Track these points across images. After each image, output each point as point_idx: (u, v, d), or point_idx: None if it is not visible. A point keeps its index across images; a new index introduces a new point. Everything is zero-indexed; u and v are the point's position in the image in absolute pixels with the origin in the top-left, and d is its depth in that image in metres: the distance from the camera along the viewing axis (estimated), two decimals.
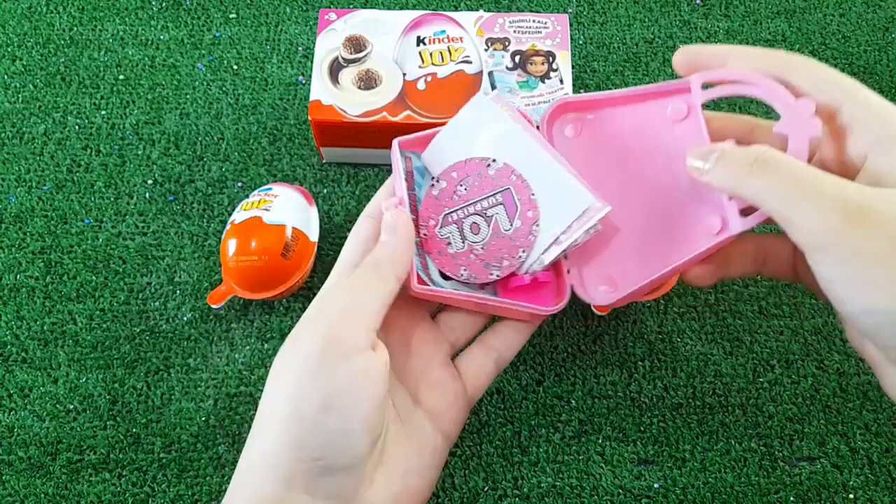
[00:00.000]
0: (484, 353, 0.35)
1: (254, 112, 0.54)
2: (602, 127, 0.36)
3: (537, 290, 0.35)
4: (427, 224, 0.35)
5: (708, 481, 0.43)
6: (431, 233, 0.35)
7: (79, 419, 0.45)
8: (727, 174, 0.28)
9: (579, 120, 0.37)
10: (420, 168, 0.36)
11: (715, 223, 0.32)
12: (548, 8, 0.58)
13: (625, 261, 0.35)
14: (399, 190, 0.34)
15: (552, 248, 0.33)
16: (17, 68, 0.55)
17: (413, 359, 0.31)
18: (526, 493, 0.43)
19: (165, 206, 0.50)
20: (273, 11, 0.57)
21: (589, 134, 0.36)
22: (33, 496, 0.43)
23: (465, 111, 0.35)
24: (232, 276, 0.45)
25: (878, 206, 0.25)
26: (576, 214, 0.33)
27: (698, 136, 0.33)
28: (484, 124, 0.35)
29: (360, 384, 0.28)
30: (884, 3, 0.58)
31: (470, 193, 0.35)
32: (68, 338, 0.47)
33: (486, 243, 0.34)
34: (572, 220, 0.33)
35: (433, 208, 0.35)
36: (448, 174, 0.35)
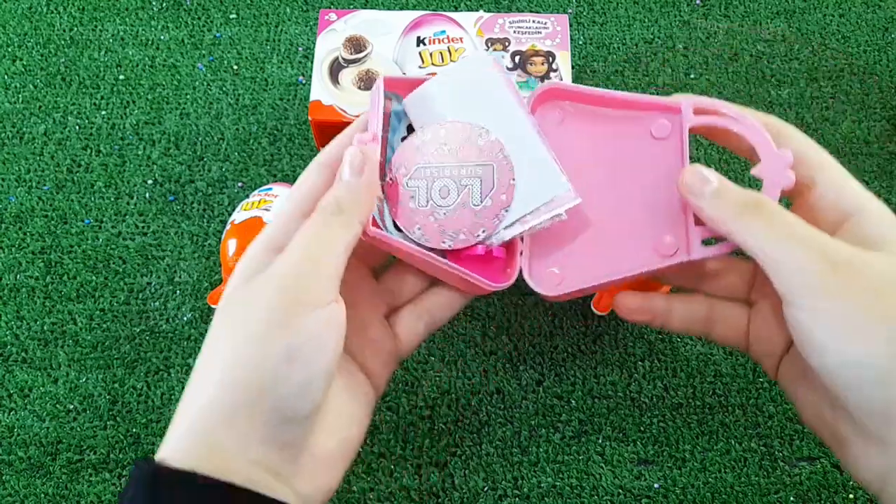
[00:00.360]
0: (417, 315, 0.35)
1: (254, 112, 0.54)
2: (584, 122, 0.36)
3: (486, 263, 0.34)
4: (397, 171, 0.33)
5: (708, 481, 0.43)
6: (399, 180, 0.33)
7: (79, 419, 0.45)
8: (723, 207, 0.29)
9: (564, 109, 0.36)
10: (399, 112, 0.34)
11: (671, 245, 0.32)
12: (548, 8, 0.58)
13: (577, 258, 0.34)
14: (374, 127, 0.31)
15: (515, 225, 0.33)
16: (18, 68, 0.55)
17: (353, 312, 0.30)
18: (526, 493, 0.43)
19: (165, 206, 0.50)
20: (273, 12, 0.57)
21: (570, 125, 0.36)
22: (33, 496, 0.43)
23: (461, 65, 0.34)
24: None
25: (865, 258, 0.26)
26: (547, 198, 0.32)
27: (676, 158, 0.33)
28: (477, 85, 0.33)
29: (326, 335, 0.27)
30: (883, 4, 0.58)
31: (451, 156, 0.33)
32: (68, 338, 0.47)
33: (449, 210, 0.33)
34: (542, 204, 0.32)
35: (409, 157, 0.33)
36: (435, 129, 0.33)
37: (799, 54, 0.56)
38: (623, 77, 0.55)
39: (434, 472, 0.44)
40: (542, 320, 0.47)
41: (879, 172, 0.52)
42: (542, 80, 0.48)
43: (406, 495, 0.43)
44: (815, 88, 0.55)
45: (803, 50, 0.56)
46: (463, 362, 0.45)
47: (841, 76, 0.55)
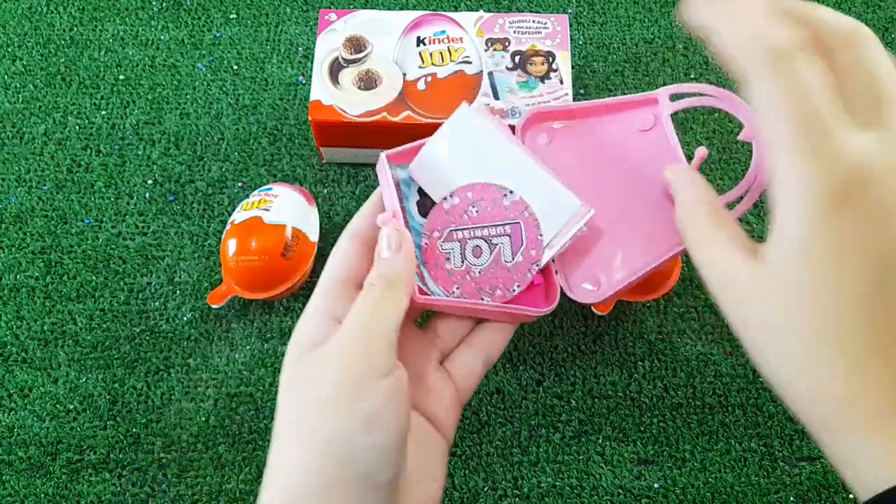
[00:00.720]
0: (472, 354, 0.36)
1: (254, 112, 0.54)
2: (574, 136, 0.38)
3: (528, 291, 0.36)
4: (430, 235, 0.35)
5: (708, 481, 0.43)
6: (433, 244, 0.35)
7: (79, 419, 0.45)
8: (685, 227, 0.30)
9: (552, 129, 0.38)
10: (406, 180, 0.37)
11: None
12: (548, 8, 0.58)
13: (608, 261, 0.36)
14: (390, 203, 0.34)
15: (546, 252, 0.35)
16: (18, 68, 0.55)
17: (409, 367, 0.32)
18: (526, 493, 0.43)
19: (165, 206, 0.50)
20: (273, 12, 0.57)
21: (561, 142, 0.38)
22: (33, 496, 0.43)
23: (451, 123, 0.36)
24: (232, 275, 0.45)
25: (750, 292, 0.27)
26: (565, 219, 0.35)
27: (665, 145, 0.35)
28: (470, 136, 0.35)
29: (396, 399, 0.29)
30: (883, 4, 0.58)
31: (481, 217, 0.35)
32: (68, 338, 0.47)
33: (483, 268, 0.35)
34: (562, 225, 0.35)
35: (440, 221, 0.35)
36: (463, 192, 0.35)
37: None
38: (623, 77, 0.55)
39: None
40: (542, 320, 0.47)
41: None
42: (542, 80, 0.48)
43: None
44: None
45: None
46: None
47: None
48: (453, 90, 0.47)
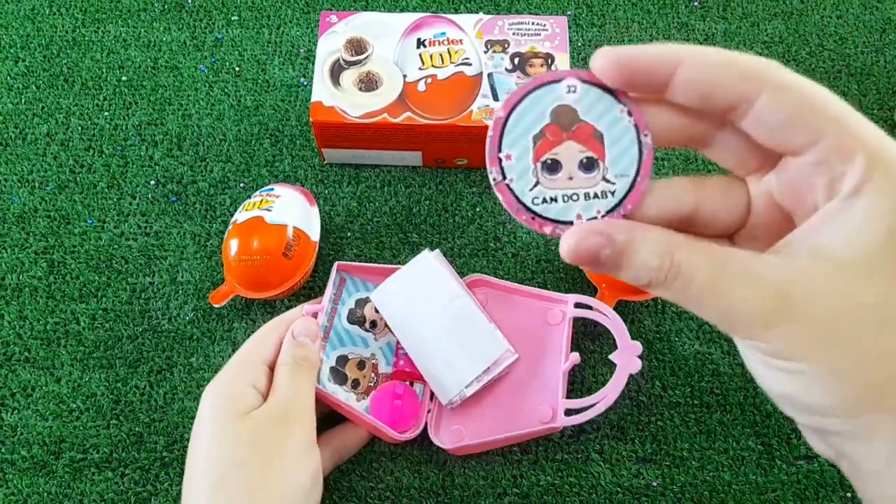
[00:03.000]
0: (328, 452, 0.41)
1: (256, 113, 0.54)
2: (502, 305, 0.45)
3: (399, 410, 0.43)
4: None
5: (706, 480, 0.43)
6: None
7: (82, 418, 0.45)
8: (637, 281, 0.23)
9: (486, 294, 0.46)
10: (350, 289, 0.46)
11: (547, 413, 0.41)
12: (547, 10, 0.58)
13: (478, 419, 0.43)
14: (325, 304, 0.43)
15: (473, 384, 0.42)
16: (20, 69, 0.55)
17: None
18: (525, 492, 0.43)
19: (168, 207, 0.51)
20: (275, 14, 0.58)
21: (492, 306, 0.46)
22: (36, 495, 0.43)
23: (412, 265, 0.43)
24: (234, 275, 0.45)
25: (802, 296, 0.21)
26: (494, 358, 0.42)
27: (559, 344, 0.43)
28: (427, 278, 0.43)
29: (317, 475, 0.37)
30: (880, 5, 0.58)
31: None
32: (71, 337, 0.47)
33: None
34: (490, 363, 0.42)
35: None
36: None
37: (796, 56, 0.56)
38: None
39: (434, 471, 0.44)
40: None
41: None
42: None
43: (406, 494, 0.43)
44: None
45: (801, 51, 0.57)
46: None
47: (838, 77, 0.55)
48: (453, 91, 0.48)
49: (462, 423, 0.43)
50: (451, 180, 0.52)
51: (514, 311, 0.45)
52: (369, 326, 0.45)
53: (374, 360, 0.45)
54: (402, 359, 0.44)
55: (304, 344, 0.39)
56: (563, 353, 0.42)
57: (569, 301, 0.43)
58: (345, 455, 0.43)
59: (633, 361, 0.40)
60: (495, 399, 0.43)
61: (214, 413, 0.36)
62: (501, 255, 0.49)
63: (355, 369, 0.44)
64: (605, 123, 0.24)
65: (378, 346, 0.45)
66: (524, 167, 0.24)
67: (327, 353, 0.43)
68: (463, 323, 0.42)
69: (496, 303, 0.46)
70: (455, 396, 0.42)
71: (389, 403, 0.43)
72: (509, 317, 0.45)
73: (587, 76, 0.24)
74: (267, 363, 0.39)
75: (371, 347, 0.45)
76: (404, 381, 0.44)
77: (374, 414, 0.42)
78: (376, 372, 0.44)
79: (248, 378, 0.37)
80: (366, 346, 0.45)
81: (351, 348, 0.44)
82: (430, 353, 0.42)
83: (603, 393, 0.40)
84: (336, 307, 0.45)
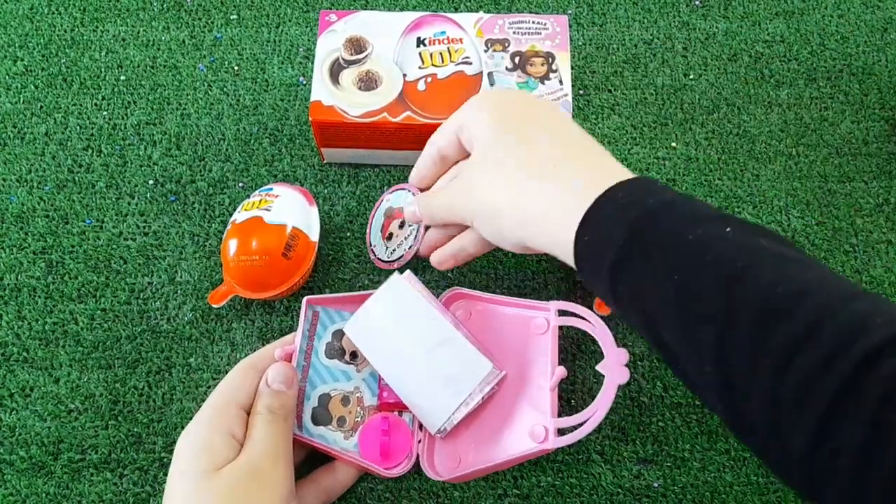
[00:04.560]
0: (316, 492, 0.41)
1: (255, 113, 0.54)
2: (486, 319, 0.44)
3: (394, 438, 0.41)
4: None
5: (707, 480, 0.43)
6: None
7: (80, 419, 0.45)
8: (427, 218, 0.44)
9: (468, 308, 0.45)
10: (325, 322, 0.44)
11: (540, 433, 0.39)
12: (547, 9, 0.58)
13: (472, 444, 0.41)
14: (298, 342, 0.41)
15: (461, 408, 0.40)
16: (19, 69, 0.55)
17: None
18: (526, 493, 0.43)
19: (166, 207, 0.51)
20: (274, 13, 0.57)
21: (475, 321, 0.44)
22: (34, 496, 0.43)
23: (383, 291, 0.42)
24: (233, 275, 0.45)
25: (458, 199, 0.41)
26: (479, 379, 0.40)
27: (546, 355, 0.41)
28: (402, 303, 0.42)
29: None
30: (882, 4, 0.58)
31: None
32: (69, 338, 0.47)
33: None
34: (476, 385, 0.40)
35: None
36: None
37: (798, 55, 0.56)
38: (622, 78, 0.55)
39: None
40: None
41: (878, 172, 0.52)
42: (541, 80, 0.48)
43: (406, 494, 0.43)
44: (813, 89, 0.55)
45: (802, 50, 0.56)
46: None
47: (840, 77, 0.55)
48: (453, 91, 0.48)
49: (455, 449, 0.41)
50: None
51: (496, 323, 0.44)
52: (350, 358, 0.44)
53: (358, 394, 0.43)
54: (386, 389, 0.42)
55: (280, 391, 0.38)
56: (549, 364, 0.41)
57: (552, 308, 0.42)
58: (334, 494, 0.42)
59: (620, 372, 0.39)
60: (486, 419, 0.42)
61: (187, 468, 0.35)
62: (501, 255, 0.49)
63: (339, 406, 0.42)
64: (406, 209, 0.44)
65: (361, 377, 0.44)
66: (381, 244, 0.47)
67: (308, 394, 0.42)
68: (443, 346, 0.41)
69: (477, 317, 0.44)
70: (443, 425, 0.40)
71: (378, 439, 0.41)
72: (492, 330, 0.44)
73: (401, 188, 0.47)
74: (243, 408, 0.38)
75: (354, 380, 0.43)
76: (392, 412, 0.43)
77: (364, 452, 0.41)
78: (362, 405, 0.43)
79: (224, 426, 0.36)
80: (348, 379, 0.43)
81: (332, 385, 0.43)
82: (413, 382, 0.41)
83: (594, 408, 0.38)
84: (312, 343, 0.43)
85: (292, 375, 0.39)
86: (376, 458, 0.41)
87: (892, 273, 0.49)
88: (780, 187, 0.51)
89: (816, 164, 0.52)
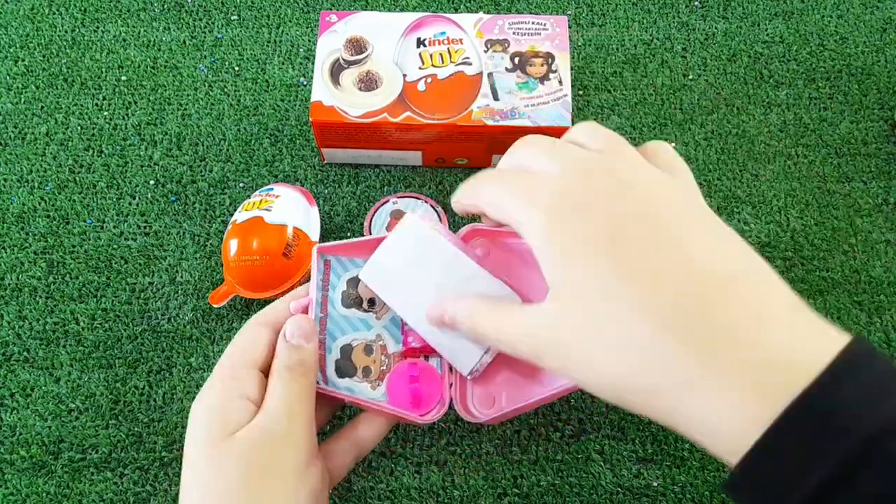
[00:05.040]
0: (347, 447, 0.39)
1: (255, 113, 0.54)
2: (504, 255, 0.42)
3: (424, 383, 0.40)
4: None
5: (707, 480, 0.43)
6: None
7: (81, 418, 0.45)
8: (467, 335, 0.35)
9: (486, 244, 0.42)
10: (337, 270, 0.42)
11: None
12: (547, 10, 0.58)
13: (505, 383, 0.39)
14: (314, 293, 0.39)
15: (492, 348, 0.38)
16: (20, 69, 0.55)
17: None
18: (525, 492, 0.43)
19: (167, 207, 0.51)
20: (274, 13, 0.58)
21: (496, 257, 0.42)
22: (35, 495, 0.43)
23: (398, 232, 0.39)
24: (233, 275, 0.45)
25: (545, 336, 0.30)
26: None
27: None
28: (417, 243, 0.39)
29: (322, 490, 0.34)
30: (881, 5, 0.58)
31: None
32: (70, 337, 0.47)
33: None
34: None
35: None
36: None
37: (797, 55, 0.56)
38: (622, 78, 0.55)
39: (434, 471, 0.44)
40: None
41: (877, 173, 0.52)
42: (541, 81, 0.48)
43: (406, 494, 0.43)
44: (813, 89, 0.55)
45: (801, 51, 0.56)
46: None
47: (839, 77, 0.55)
48: (453, 91, 0.48)
49: (488, 390, 0.39)
50: (451, 180, 0.52)
51: (517, 259, 0.41)
52: (368, 306, 0.42)
53: (381, 342, 0.41)
54: (410, 334, 0.40)
55: (299, 346, 0.35)
56: None
57: None
58: (366, 449, 0.39)
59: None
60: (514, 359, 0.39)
61: (201, 434, 0.33)
62: None
63: (363, 356, 0.40)
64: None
65: (382, 325, 0.42)
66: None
67: (328, 346, 0.40)
68: (467, 283, 0.38)
69: (497, 254, 0.42)
70: (476, 365, 0.38)
71: (407, 386, 0.39)
72: (514, 266, 0.41)
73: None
74: (260, 367, 0.35)
75: (375, 328, 0.41)
76: (418, 357, 0.41)
77: (393, 401, 0.39)
78: (386, 353, 0.41)
79: (237, 389, 0.34)
80: (368, 328, 0.41)
81: (353, 335, 0.41)
82: None
83: None
84: (327, 294, 0.41)
85: (311, 329, 0.36)
86: (407, 405, 0.39)
87: (892, 273, 0.49)
88: (780, 187, 0.51)
89: (815, 165, 0.52)
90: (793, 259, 0.49)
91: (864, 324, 0.47)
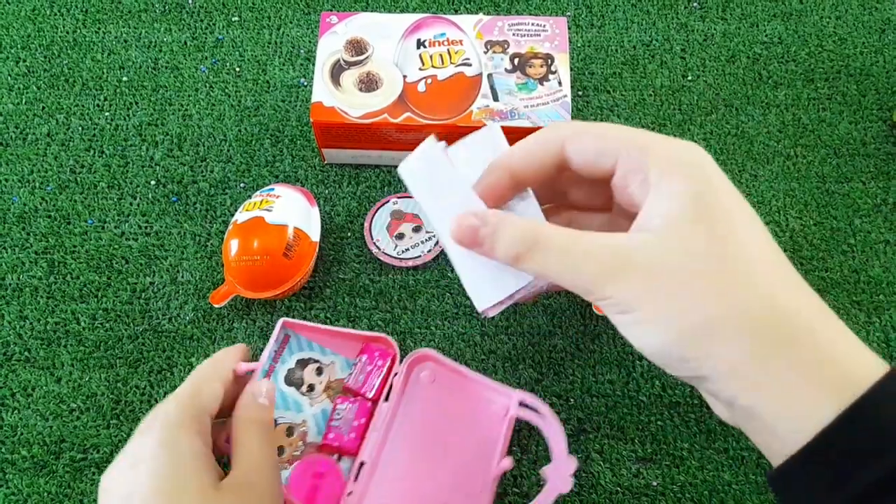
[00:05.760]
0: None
1: (256, 114, 0.54)
2: (450, 386, 0.44)
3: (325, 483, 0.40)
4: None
5: (706, 479, 0.43)
6: None
7: (82, 418, 0.45)
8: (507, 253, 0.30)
9: (434, 370, 0.44)
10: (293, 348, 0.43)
11: None
12: (546, 11, 0.58)
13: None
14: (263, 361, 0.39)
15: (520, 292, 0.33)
16: (21, 70, 0.55)
17: None
18: (525, 492, 0.43)
19: (168, 207, 0.51)
20: (275, 14, 0.58)
21: (439, 385, 0.44)
22: (36, 495, 0.43)
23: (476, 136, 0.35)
24: (234, 275, 0.45)
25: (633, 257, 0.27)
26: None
27: (497, 443, 0.42)
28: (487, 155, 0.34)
29: None
30: (880, 6, 0.58)
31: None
32: (71, 337, 0.47)
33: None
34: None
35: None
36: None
37: (796, 56, 0.56)
38: (621, 79, 0.55)
39: None
40: (541, 320, 0.47)
41: (876, 173, 0.52)
42: (540, 82, 0.48)
43: None
44: (812, 90, 0.55)
45: (800, 52, 0.57)
46: (462, 362, 0.45)
47: (838, 78, 0.56)
48: (453, 92, 0.48)
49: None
50: None
51: (458, 395, 0.44)
52: (306, 390, 0.43)
53: (304, 428, 0.42)
54: (332, 431, 0.41)
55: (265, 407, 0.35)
56: (497, 452, 0.41)
57: (514, 397, 0.42)
58: None
59: (564, 481, 0.38)
60: (423, 490, 0.41)
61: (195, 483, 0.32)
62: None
63: (282, 436, 0.41)
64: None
65: (312, 412, 0.43)
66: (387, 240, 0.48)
67: None
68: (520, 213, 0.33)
69: (441, 382, 0.44)
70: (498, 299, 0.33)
71: (309, 480, 0.40)
72: (452, 401, 0.43)
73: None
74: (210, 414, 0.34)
75: (304, 413, 0.42)
76: (331, 455, 0.42)
77: (293, 489, 0.40)
78: (304, 440, 0.42)
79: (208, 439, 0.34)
80: (299, 410, 0.42)
81: (282, 412, 0.42)
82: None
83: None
84: (275, 366, 0.42)
85: (274, 394, 0.37)
86: (302, 498, 0.39)
87: (891, 273, 0.49)
88: (779, 188, 0.52)
89: (814, 165, 0.52)
90: (792, 259, 0.49)
91: (862, 324, 0.47)
